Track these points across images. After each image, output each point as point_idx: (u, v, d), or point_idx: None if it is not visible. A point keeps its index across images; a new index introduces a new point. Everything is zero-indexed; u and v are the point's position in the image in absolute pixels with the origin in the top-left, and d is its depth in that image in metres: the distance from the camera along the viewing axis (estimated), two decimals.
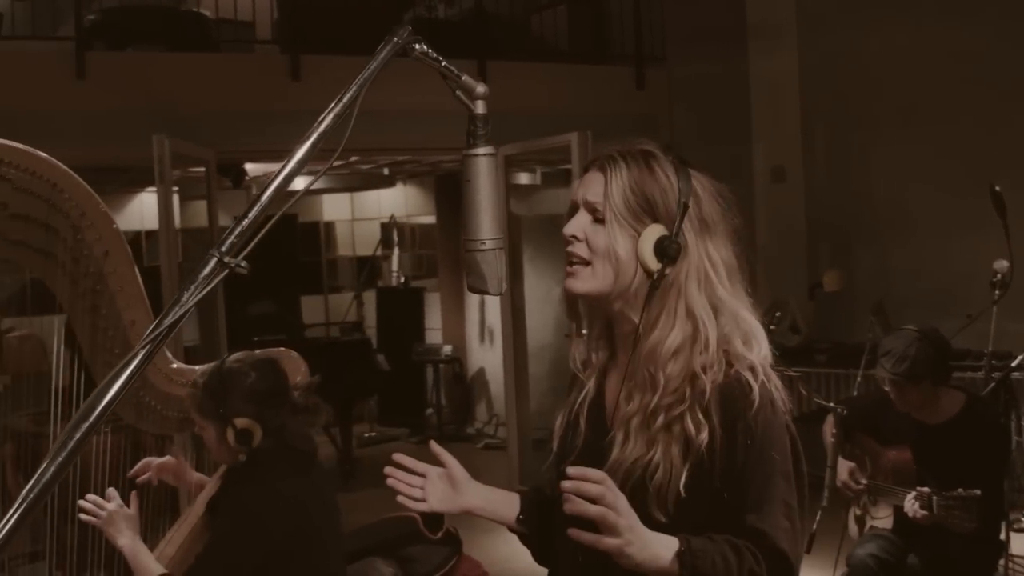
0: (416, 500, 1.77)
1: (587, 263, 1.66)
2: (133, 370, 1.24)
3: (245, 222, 1.32)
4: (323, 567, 2.51)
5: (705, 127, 7.42)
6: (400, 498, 1.77)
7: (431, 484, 1.79)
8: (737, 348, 1.62)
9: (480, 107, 1.56)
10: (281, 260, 9.28)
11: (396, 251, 9.78)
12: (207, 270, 1.28)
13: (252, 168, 8.05)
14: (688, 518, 1.57)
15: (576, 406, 1.75)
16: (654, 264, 1.61)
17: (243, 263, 1.29)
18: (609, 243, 1.63)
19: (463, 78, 1.54)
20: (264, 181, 8.52)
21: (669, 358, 1.61)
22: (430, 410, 9.64)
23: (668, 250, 1.60)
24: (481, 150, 1.55)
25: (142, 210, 9.11)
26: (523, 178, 8.94)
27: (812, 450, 4.16)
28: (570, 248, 1.67)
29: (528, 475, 7.16)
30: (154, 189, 8.37)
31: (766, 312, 6.16)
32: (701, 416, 1.58)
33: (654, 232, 1.62)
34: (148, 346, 1.24)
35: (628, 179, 1.64)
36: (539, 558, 1.87)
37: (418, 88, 6.65)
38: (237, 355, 2.59)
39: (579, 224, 1.67)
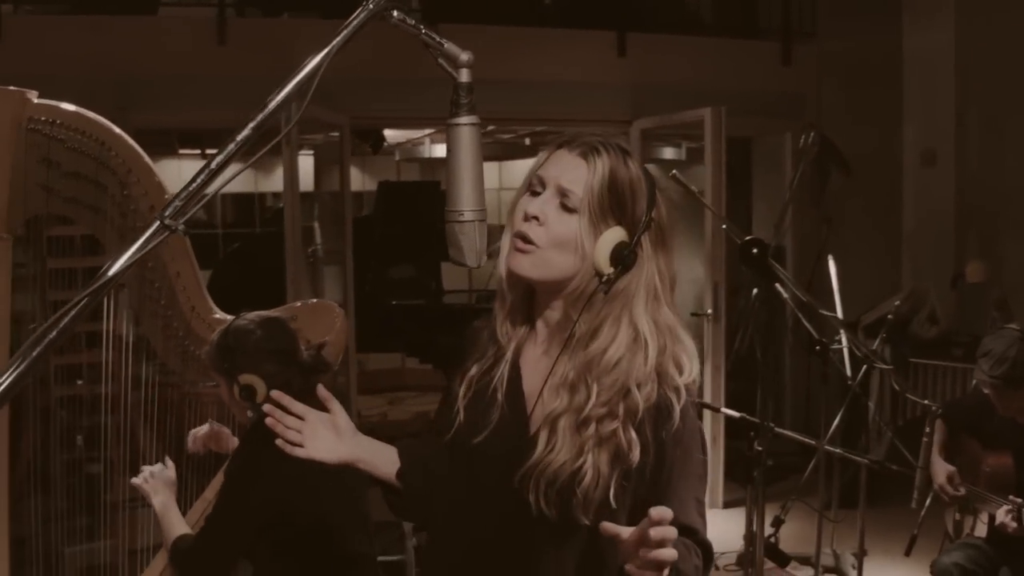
0: (293, 444, 1.68)
1: (535, 245, 1.60)
2: (67, 322, 1.26)
3: (189, 188, 1.34)
4: (331, 521, 2.54)
5: (854, 106, 7.15)
6: (278, 441, 1.68)
7: (311, 429, 1.69)
8: (669, 368, 1.58)
9: (464, 75, 1.53)
10: (423, 226, 9.43)
11: None
12: (149, 232, 1.31)
13: (391, 134, 8.18)
14: (609, 520, 1.52)
15: (491, 378, 1.68)
16: (606, 268, 1.57)
17: (182, 226, 1.31)
18: (577, 236, 1.59)
19: (445, 46, 1.52)
20: (405, 147, 8.67)
21: (607, 370, 1.57)
22: None
23: (625, 259, 1.56)
24: (464, 119, 1.53)
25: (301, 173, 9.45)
26: (667, 152, 8.81)
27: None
28: (524, 228, 1.60)
29: None
30: (309, 152, 8.68)
31: (903, 300, 5.91)
32: (634, 434, 1.55)
33: (614, 236, 1.58)
34: (86, 299, 1.27)
35: (608, 174, 1.59)
36: (410, 515, 1.84)
37: (556, 59, 6.71)
38: (249, 314, 2.64)
39: (543, 207, 1.61)
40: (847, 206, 7.07)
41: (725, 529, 5.27)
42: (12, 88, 2.47)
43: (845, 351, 4.62)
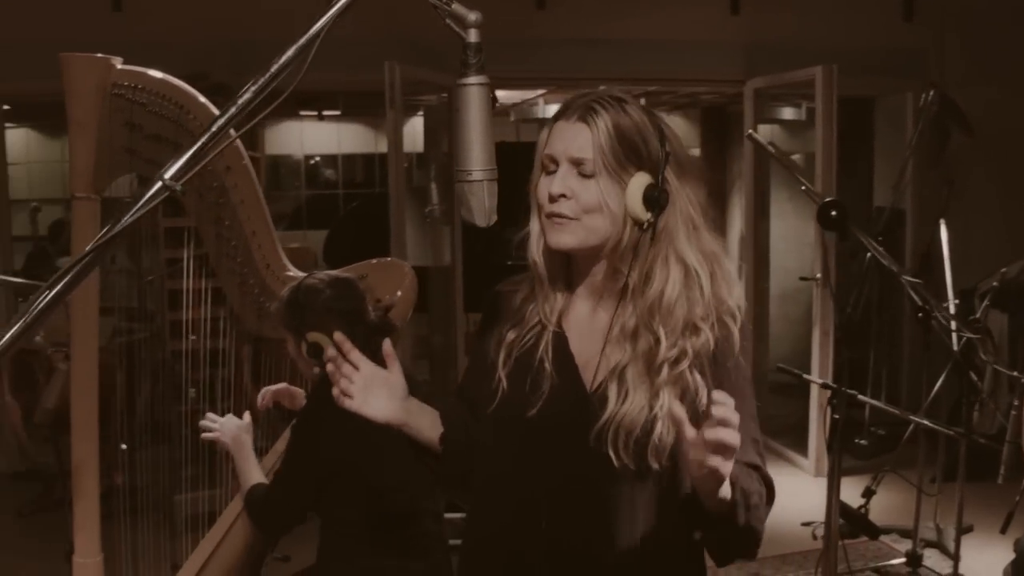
0: (345, 396, 1.70)
1: (573, 220, 1.62)
2: (72, 277, 1.30)
3: (192, 150, 1.37)
4: (395, 476, 2.57)
5: (981, 66, 6.81)
6: (333, 390, 1.70)
7: (365, 383, 1.70)
8: (723, 294, 1.62)
9: (473, 35, 1.53)
10: None
11: None
12: (151, 192, 1.34)
13: (505, 95, 8.18)
14: (677, 465, 1.60)
15: (534, 348, 1.70)
16: (643, 214, 1.58)
17: (180, 186, 1.34)
18: (601, 198, 1.60)
19: (453, 5, 1.50)
20: (521, 108, 8.65)
21: (668, 311, 1.60)
22: None
23: (658, 199, 1.57)
24: (472, 80, 1.54)
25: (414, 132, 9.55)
26: (787, 113, 8.59)
27: None
28: (555, 207, 1.62)
29: (762, 420, 6.97)
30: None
31: (1016, 267, 5.64)
32: (699, 376, 1.58)
33: (640, 181, 1.59)
34: (91, 255, 1.32)
35: (612, 128, 1.59)
36: (448, 480, 1.84)
37: (669, 18, 6.60)
38: (320, 272, 2.69)
39: (565, 182, 1.62)
40: (971, 168, 6.78)
41: (824, 498, 5.14)
42: (98, 55, 2.54)
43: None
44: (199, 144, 1.37)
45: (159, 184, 1.34)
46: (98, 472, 2.63)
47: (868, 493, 4.52)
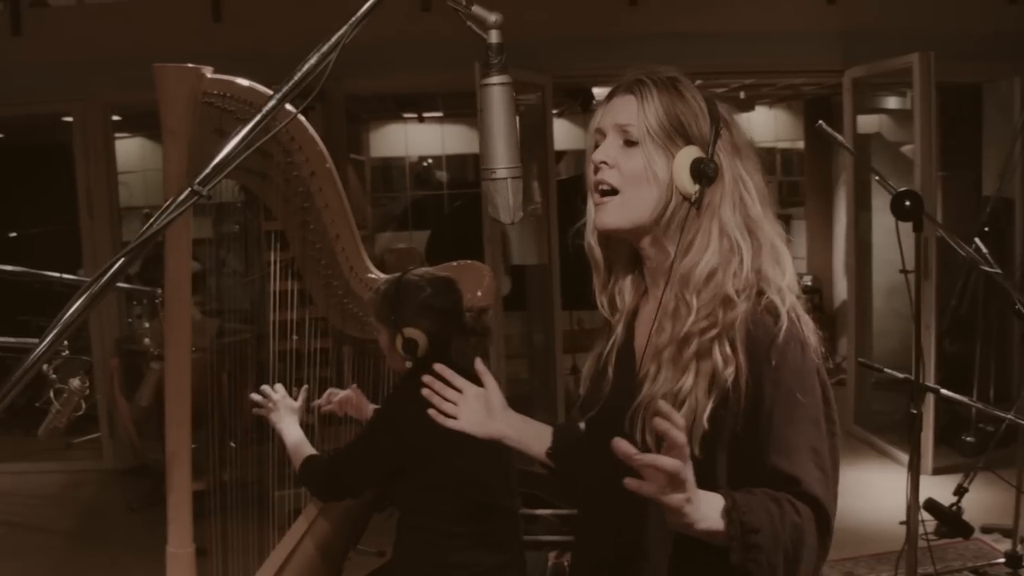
0: (446, 416, 1.78)
1: (616, 192, 1.61)
2: (109, 278, 1.37)
3: (219, 157, 1.42)
4: (473, 472, 2.62)
5: None
6: (431, 411, 1.78)
7: (465, 403, 1.80)
8: (768, 270, 1.56)
9: (494, 36, 1.55)
10: None
11: None
12: (181, 197, 1.40)
13: (600, 92, 8.16)
14: (711, 456, 1.53)
15: (605, 354, 1.71)
16: (690, 186, 1.57)
17: (208, 192, 1.39)
18: (646, 164, 1.59)
19: (473, 8, 1.52)
20: None
21: (703, 281, 1.56)
22: None
23: (705, 170, 1.56)
24: (495, 79, 1.57)
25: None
26: (891, 102, 8.39)
27: None
28: (599, 176, 1.62)
29: (865, 416, 6.86)
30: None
31: None
32: (729, 349, 1.52)
33: (689, 153, 1.57)
34: (123, 257, 1.38)
35: (660, 101, 1.59)
36: (562, 496, 1.86)
37: (764, 9, 6.51)
38: (420, 269, 2.74)
39: (608, 150, 1.62)
40: None
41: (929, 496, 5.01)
42: (189, 65, 2.63)
43: None
44: (226, 150, 1.43)
45: (188, 190, 1.39)
46: (190, 464, 2.73)
47: (960, 491, 4.39)
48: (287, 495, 3.51)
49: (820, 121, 3.31)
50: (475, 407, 1.79)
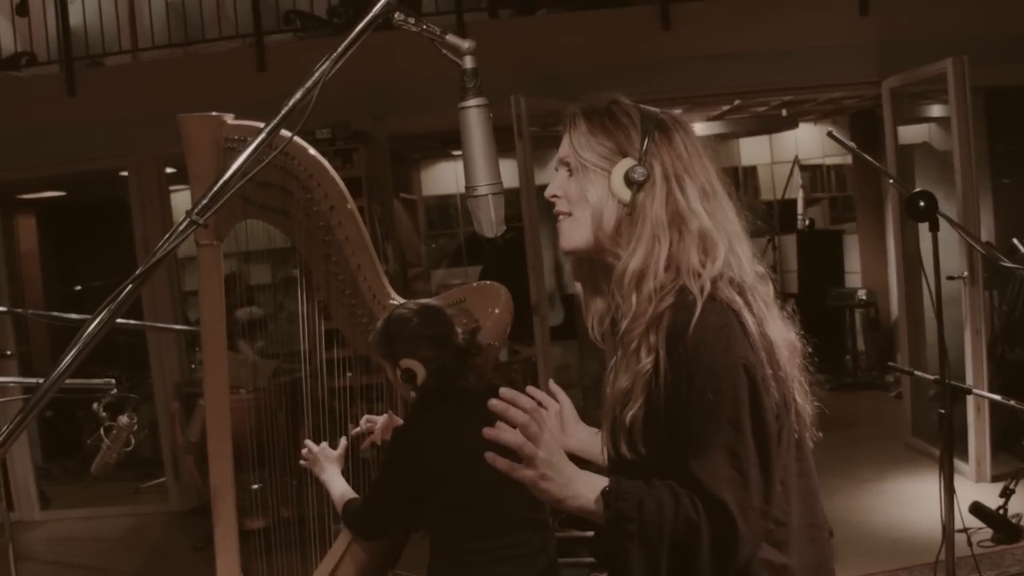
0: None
1: (569, 214, 1.72)
2: (116, 305, 1.47)
3: (215, 188, 1.52)
4: (499, 487, 2.66)
5: None
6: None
7: (543, 421, 1.83)
8: (691, 260, 1.60)
9: (468, 62, 1.64)
10: None
11: (800, 194, 9.53)
12: (181, 227, 1.50)
13: None
14: (652, 457, 1.58)
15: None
16: (625, 194, 1.65)
17: (203, 221, 1.49)
18: (584, 188, 1.68)
19: (448, 37, 1.61)
20: None
21: (633, 282, 1.63)
22: (849, 357, 9.34)
23: (634, 176, 1.64)
24: (471, 102, 1.67)
25: None
26: (935, 110, 8.34)
27: None
28: (555, 207, 1.74)
29: (920, 426, 6.78)
30: None
31: None
32: (653, 340, 1.58)
33: (623, 166, 1.66)
34: (130, 286, 1.48)
35: (587, 128, 1.69)
36: None
37: (797, 26, 6.54)
38: (409, 302, 2.85)
39: (557, 182, 1.74)
40: None
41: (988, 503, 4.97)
42: (212, 113, 2.75)
43: None
44: (222, 181, 1.52)
45: (188, 220, 1.49)
46: (234, 497, 2.82)
47: (1007, 492, 4.34)
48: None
49: (830, 130, 3.35)
50: (551, 423, 1.87)
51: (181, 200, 8.96)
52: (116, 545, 6.20)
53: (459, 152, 8.64)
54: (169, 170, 7.10)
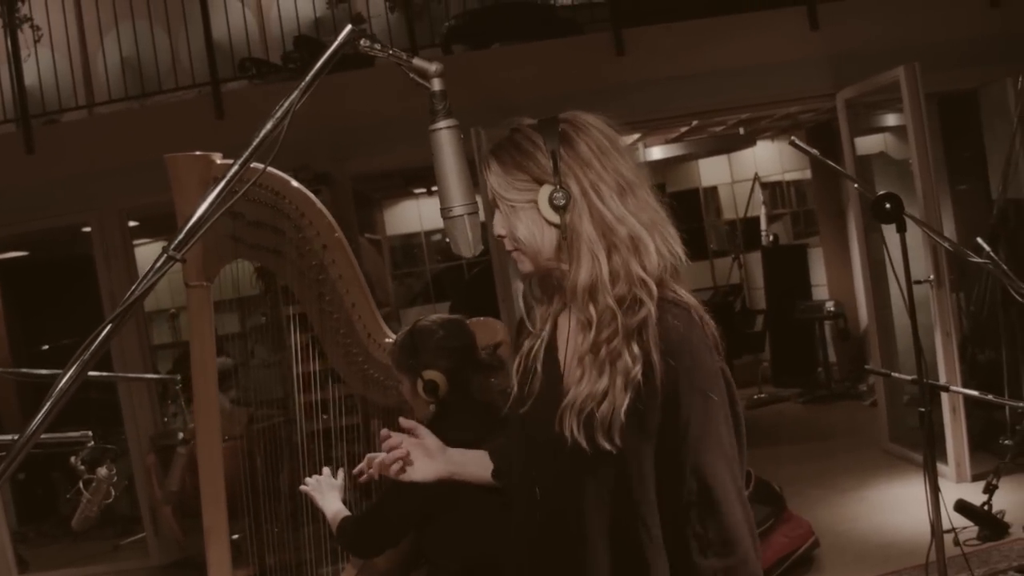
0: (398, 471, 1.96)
1: (516, 249, 1.77)
2: (99, 344, 1.45)
3: (191, 222, 1.51)
4: (492, 512, 2.65)
5: None
6: (392, 469, 1.96)
7: (408, 456, 1.98)
8: (635, 271, 1.67)
9: (436, 84, 1.65)
10: None
11: (763, 210, 9.62)
12: (158, 264, 1.49)
13: None
14: (635, 447, 1.66)
15: (532, 353, 1.83)
16: (556, 219, 1.69)
17: (180, 256, 1.48)
18: (513, 228, 1.74)
19: (414, 61, 1.63)
20: None
21: (585, 297, 1.69)
22: (821, 369, 9.40)
23: (555, 202, 1.68)
24: (442, 124, 1.68)
25: None
26: (890, 119, 8.46)
27: None
28: (505, 246, 1.79)
29: (897, 432, 6.82)
30: None
31: None
32: (638, 348, 1.65)
33: (544, 192, 1.70)
34: (110, 324, 1.46)
35: (500, 166, 1.73)
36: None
37: (750, 44, 6.63)
38: (431, 316, 2.83)
39: (497, 222, 1.78)
40: None
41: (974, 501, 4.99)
42: (199, 153, 2.75)
43: None
44: (197, 215, 1.52)
45: (165, 256, 1.48)
46: (228, 540, 2.79)
47: (990, 488, 4.37)
48: (327, 572, 3.57)
49: (793, 137, 3.39)
50: (416, 455, 1.98)
51: (145, 253, 8.92)
52: None
53: (421, 190, 8.73)
54: (132, 223, 7.06)
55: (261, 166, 1.62)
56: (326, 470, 2.98)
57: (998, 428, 6.21)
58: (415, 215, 11.16)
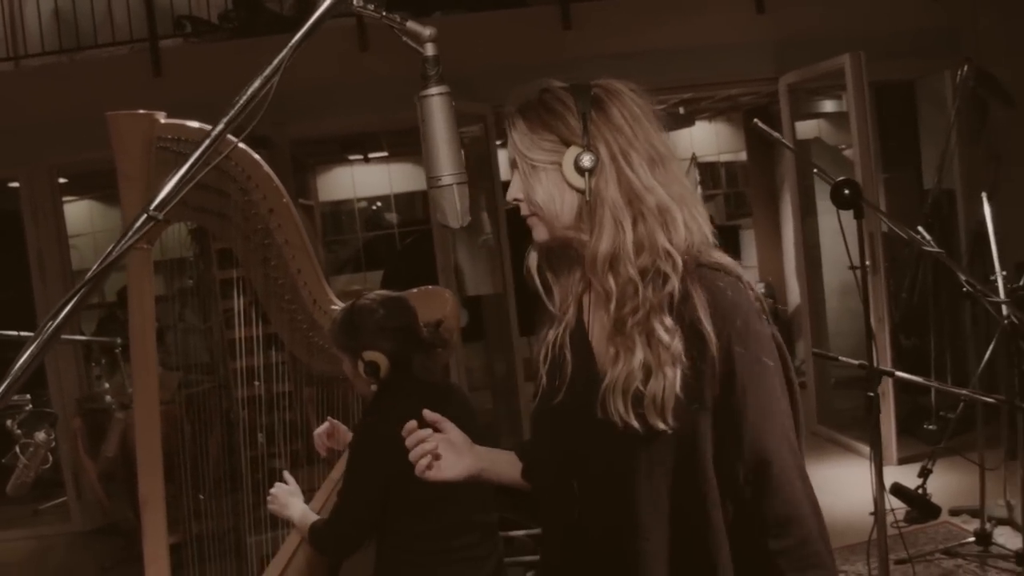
0: (424, 469, 1.81)
1: (533, 214, 1.69)
2: (69, 309, 1.39)
3: (172, 182, 1.45)
4: (450, 490, 2.62)
5: (1018, 40, 6.72)
6: (416, 469, 1.81)
7: (435, 452, 1.82)
8: (661, 242, 1.60)
9: (429, 49, 1.59)
10: None
11: (699, 190, 9.68)
12: (137, 224, 1.43)
13: None
14: (690, 423, 1.57)
15: (559, 339, 1.74)
16: (580, 183, 1.62)
17: (161, 215, 1.43)
18: (533, 189, 1.66)
19: (408, 24, 1.57)
20: None
21: (605, 267, 1.61)
22: None
23: (581, 164, 1.61)
24: (433, 90, 1.62)
25: None
26: (828, 106, 8.56)
27: None
28: (521, 211, 1.70)
29: (827, 414, 6.95)
30: None
31: None
32: (669, 320, 1.58)
33: (571, 154, 1.62)
34: (81, 289, 1.40)
35: (526, 124, 1.66)
36: (537, 513, 1.87)
37: (695, 24, 6.64)
38: (372, 293, 2.77)
39: (515, 185, 1.70)
40: (1017, 141, 6.68)
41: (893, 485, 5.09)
42: (141, 111, 2.65)
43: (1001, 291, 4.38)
44: (179, 175, 1.46)
45: (144, 216, 1.42)
46: (164, 509, 2.72)
47: (924, 472, 4.46)
48: (264, 539, 3.51)
49: (756, 120, 3.40)
50: (442, 452, 1.82)
51: (74, 211, 8.71)
52: (17, 570, 5.95)
53: (357, 157, 8.62)
54: (62, 180, 6.86)
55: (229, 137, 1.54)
56: (279, 482, 2.92)
57: (923, 413, 6.36)
58: (349, 182, 11.05)
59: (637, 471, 1.61)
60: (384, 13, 1.57)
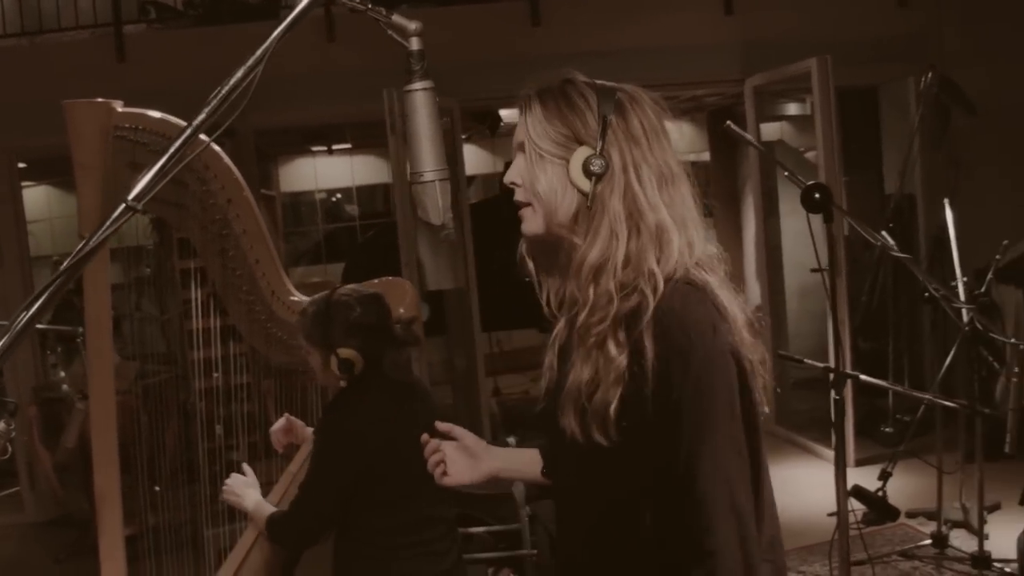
0: (441, 475, 1.81)
1: (528, 204, 1.65)
2: (44, 300, 1.36)
3: (151, 172, 1.43)
4: (410, 485, 2.61)
5: (981, 49, 6.80)
6: (436, 475, 1.82)
7: (449, 459, 1.82)
8: (649, 263, 1.55)
9: (414, 43, 1.58)
10: None
11: None
12: (116, 214, 1.41)
13: (507, 114, 8.24)
14: (629, 443, 1.54)
15: (555, 342, 1.73)
16: (585, 185, 1.58)
17: (140, 206, 1.40)
18: (540, 176, 1.61)
19: (393, 18, 1.55)
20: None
21: (590, 276, 1.57)
22: None
23: (591, 168, 1.57)
24: (418, 85, 1.60)
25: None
26: (791, 108, 8.61)
27: None
28: (516, 196, 1.66)
29: (785, 415, 6.99)
30: None
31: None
32: (623, 337, 1.54)
33: (581, 154, 1.58)
34: (60, 278, 1.37)
35: (542, 112, 1.62)
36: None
37: (663, 24, 6.66)
38: (347, 287, 2.74)
39: (516, 168, 1.66)
40: (978, 148, 6.77)
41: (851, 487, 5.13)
42: (99, 100, 2.61)
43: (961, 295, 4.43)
44: (159, 165, 1.43)
45: (123, 206, 1.39)
46: (120, 503, 2.69)
47: (884, 475, 4.51)
48: (222, 532, 3.48)
49: (728, 122, 3.40)
50: (457, 459, 1.82)
51: (32, 196, 8.58)
52: None
53: (320, 147, 8.59)
54: (21, 165, 6.75)
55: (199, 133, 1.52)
56: (247, 468, 2.89)
57: (879, 415, 6.42)
58: (310, 173, 10.98)
59: (584, 481, 1.63)
60: (369, 6, 1.55)
